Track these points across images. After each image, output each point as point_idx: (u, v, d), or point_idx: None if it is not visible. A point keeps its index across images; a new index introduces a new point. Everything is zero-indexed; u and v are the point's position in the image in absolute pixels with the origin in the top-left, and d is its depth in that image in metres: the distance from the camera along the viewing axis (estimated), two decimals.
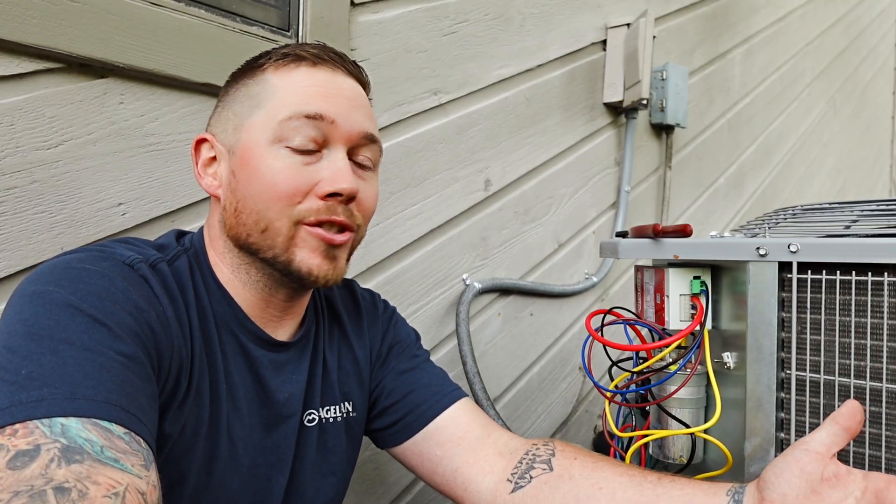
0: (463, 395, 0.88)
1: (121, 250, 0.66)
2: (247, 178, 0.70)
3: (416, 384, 0.87)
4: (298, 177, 0.69)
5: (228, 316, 0.73)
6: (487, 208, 1.51)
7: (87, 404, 0.51)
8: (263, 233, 0.70)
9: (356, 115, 0.73)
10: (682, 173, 2.27)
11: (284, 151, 0.69)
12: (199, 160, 0.75)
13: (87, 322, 0.56)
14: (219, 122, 0.75)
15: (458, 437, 0.82)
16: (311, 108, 0.69)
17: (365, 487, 1.26)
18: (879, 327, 0.71)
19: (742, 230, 0.96)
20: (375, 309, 0.93)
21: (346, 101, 0.72)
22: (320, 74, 0.72)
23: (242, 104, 0.72)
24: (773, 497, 0.60)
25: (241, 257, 0.73)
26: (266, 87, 0.71)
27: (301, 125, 0.69)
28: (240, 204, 0.71)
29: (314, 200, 0.70)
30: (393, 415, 0.86)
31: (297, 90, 0.70)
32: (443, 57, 1.37)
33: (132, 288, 0.62)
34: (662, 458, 0.88)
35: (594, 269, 1.87)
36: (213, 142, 0.74)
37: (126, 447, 0.52)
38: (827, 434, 0.62)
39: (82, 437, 0.50)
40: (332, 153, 0.71)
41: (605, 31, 1.86)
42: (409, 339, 0.93)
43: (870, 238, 0.72)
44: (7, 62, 0.79)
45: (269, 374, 0.76)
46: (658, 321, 0.88)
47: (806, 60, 3.28)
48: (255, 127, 0.70)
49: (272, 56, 0.73)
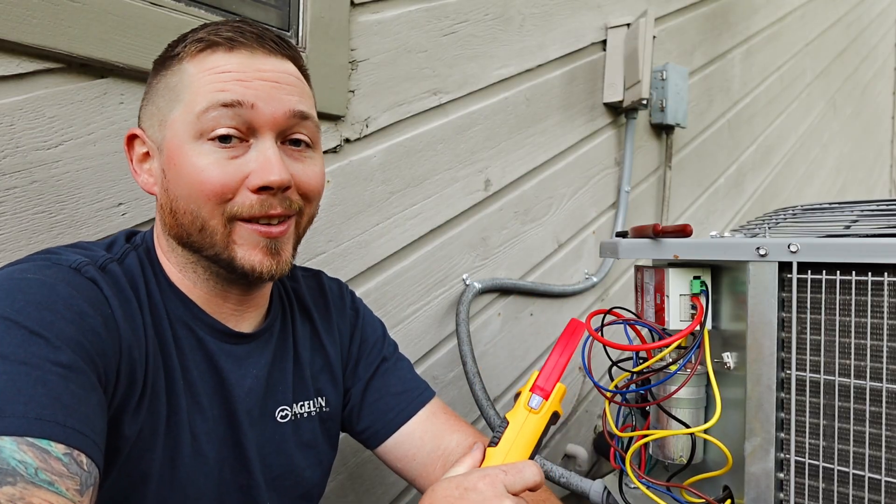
0: (427, 400, 0.90)
1: (67, 255, 0.65)
2: (175, 177, 0.68)
3: (384, 392, 0.89)
4: (225, 173, 0.66)
5: (182, 311, 0.72)
6: (487, 208, 1.51)
7: (18, 422, 0.50)
8: (201, 232, 0.68)
9: (279, 95, 0.68)
10: (682, 173, 2.27)
11: (208, 146, 0.66)
12: (132, 156, 0.73)
13: (23, 335, 0.55)
14: (146, 116, 0.72)
15: (411, 454, 0.87)
16: (227, 96, 0.66)
17: (365, 487, 1.26)
18: (879, 327, 0.71)
19: (742, 230, 0.96)
20: (343, 302, 0.93)
21: (266, 84, 0.68)
22: (236, 58, 0.68)
23: (164, 97, 0.70)
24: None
25: (187, 256, 0.72)
26: (183, 78, 0.68)
27: (220, 115, 0.66)
28: (174, 203, 0.69)
29: (246, 195, 0.67)
30: (364, 421, 0.89)
31: (213, 78, 0.67)
32: (443, 57, 1.37)
33: (77, 293, 0.61)
34: (662, 458, 0.88)
35: (594, 269, 1.87)
36: (144, 137, 0.72)
37: (63, 469, 0.51)
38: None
39: (16, 458, 0.49)
40: (260, 142, 0.68)
41: (605, 31, 1.86)
42: (377, 335, 0.94)
43: (870, 238, 0.72)
44: (7, 62, 0.79)
45: (229, 366, 0.74)
46: (658, 321, 0.88)
47: (806, 60, 3.28)
48: (176, 122, 0.68)
49: (187, 42, 0.69)
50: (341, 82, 1.17)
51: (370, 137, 1.23)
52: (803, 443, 0.76)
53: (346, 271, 1.21)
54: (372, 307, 0.98)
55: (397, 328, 1.30)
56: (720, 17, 2.46)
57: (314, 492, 0.86)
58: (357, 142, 1.21)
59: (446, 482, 0.60)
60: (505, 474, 0.60)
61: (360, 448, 0.94)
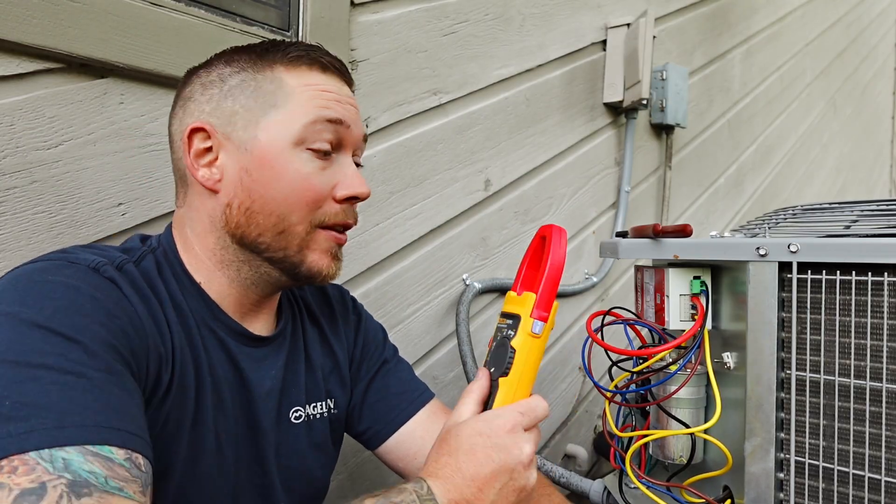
0: (427, 400, 0.91)
1: (84, 255, 0.64)
2: (269, 180, 0.69)
3: (385, 392, 0.90)
4: (321, 182, 0.71)
5: (204, 312, 0.72)
6: (487, 208, 1.51)
7: (77, 431, 0.51)
8: (281, 234, 0.70)
9: (359, 120, 0.76)
10: (682, 173, 2.27)
11: (307, 155, 0.71)
12: (191, 150, 0.71)
13: (60, 342, 0.55)
14: (219, 111, 0.71)
15: (413, 454, 0.88)
16: (332, 114, 0.72)
17: (365, 487, 1.26)
18: (879, 327, 0.71)
19: (742, 230, 0.96)
20: (346, 307, 0.94)
21: (351, 108, 0.75)
22: (330, 80, 0.74)
23: (254, 99, 0.70)
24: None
25: (239, 254, 0.72)
26: (282, 87, 0.71)
27: (324, 129, 0.71)
28: (255, 204, 0.70)
29: (332, 204, 0.73)
30: (364, 422, 0.90)
31: (316, 94, 0.72)
32: (443, 57, 1.37)
33: (99, 293, 0.61)
34: (662, 458, 0.88)
35: (594, 269, 1.87)
36: (213, 132, 0.70)
37: (127, 474, 0.52)
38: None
39: (85, 469, 0.50)
40: (343, 157, 0.74)
41: (605, 31, 1.86)
42: (378, 339, 0.95)
43: (870, 238, 0.72)
44: (7, 62, 0.79)
45: (250, 368, 0.76)
46: (658, 321, 0.88)
47: (806, 60, 3.28)
48: (273, 127, 0.70)
49: (279, 52, 0.72)
50: None
51: (370, 137, 1.23)
52: (803, 443, 0.76)
53: (346, 271, 1.21)
54: (372, 307, 0.99)
55: (397, 328, 1.30)
56: (720, 17, 2.46)
57: (322, 492, 0.87)
58: None
59: (470, 425, 0.64)
60: (522, 416, 0.64)
61: (360, 448, 0.94)
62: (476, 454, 0.61)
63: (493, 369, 0.69)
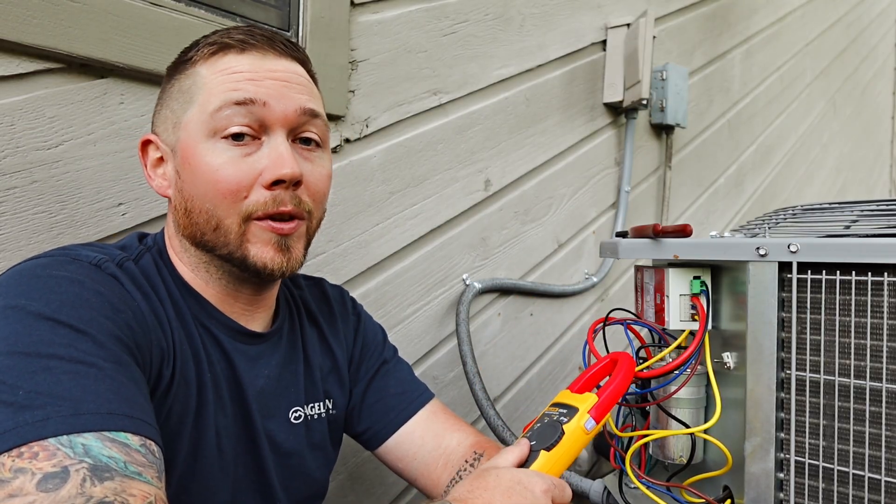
0: (426, 400, 0.92)
1: (85, 252, 0.66)
2: (190, 177, 0.69)
3: (384, 393, 0.91)
4: (239, 170, 0.68)
5: (198, 309, 0.73)
6: (487, 208, 1.51)
7: (94, 418, 0.51)
8: (215, 230, 0.69)
9: (290, 93, 0.71)
10: (681, 173, 2.27)
11: (222, 144, 0.68)
12: (147, 162, 0.75)
13: (69, 333, 0.55)
14: (160, 121, 0.74)
15: (412, 454, 0.89)
16: (240, 95, 0.68)
17: (365, 487, 1.26)
18: (879, 327, 0.71)
19: (742, 230, 0.96)
20: (345, 308, 0.94)
21: (277, 83, 0.70)
22: (247, 59, 0.70)
23: (177, 100, 0.71)
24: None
25: (200, 255, 0.73)
26: (196, 80, 0.70)
27: (233, 113, 0.68)
28: (188, 203, 0.70)
29: (260, 192, 0.69)
30: (364, 422, 0.90)
31: (225, 78, 0.69)
32: (443, 57, 1.37)
33: (103, 288, 0.62)
34: (662, 458, 0.88)
35: (594, 269, 1.87)
36: (158, 142, 0.73)
37: (144, 460, 0.53)
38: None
39: (105, 454, 0.50)
40: (272, 139, 0.70)
41: (605, 31, 1.86)
42: (377, 340, 0.96)
43: (870, 238, 0.72)
44: (7, 62, 0.79)
45: (243, 365, 0.76)
46: (658, 321, 0.88)
47: (806, 60, 3.28)
48: (190, 123, 0.69)
49: (200, 47, 0.72)
50: (341, 82, 1.17)
51: (370, 137, 1.23)
52: (803, 443, 0.76)
53: (346, 271, 1.21)
54: (372, 307, 0.99)
55: (397, 328, 1.30)
56: (720, 17, 2.46)
57: (322, 492, 0.88)
58: (357, 142, 1.21)
59: (512, 472, 0.65)
60: (555, 488, 0.65)
61: (359, 448, 0.94)
62: (512, 498, 0.62)
63: (534, 442, 0.72)
